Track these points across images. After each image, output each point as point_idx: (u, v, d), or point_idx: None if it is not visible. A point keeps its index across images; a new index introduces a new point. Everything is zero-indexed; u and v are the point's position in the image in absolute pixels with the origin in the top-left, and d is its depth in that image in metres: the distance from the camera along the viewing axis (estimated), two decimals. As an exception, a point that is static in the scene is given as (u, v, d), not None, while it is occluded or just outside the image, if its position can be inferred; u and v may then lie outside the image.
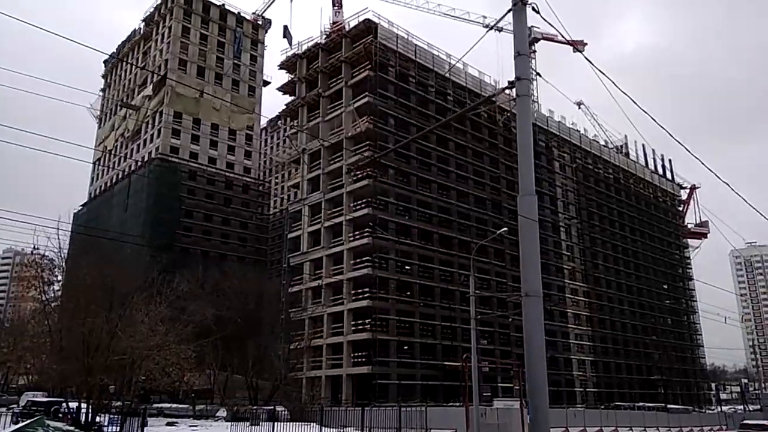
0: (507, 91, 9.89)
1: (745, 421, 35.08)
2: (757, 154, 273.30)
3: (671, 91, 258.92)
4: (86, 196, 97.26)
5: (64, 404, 36.59)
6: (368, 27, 59.18)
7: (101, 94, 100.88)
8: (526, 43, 9.19)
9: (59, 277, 47.55)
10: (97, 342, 36.23)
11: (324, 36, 65.05)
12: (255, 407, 41.45)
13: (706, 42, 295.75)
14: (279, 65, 67.06)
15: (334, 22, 71.11)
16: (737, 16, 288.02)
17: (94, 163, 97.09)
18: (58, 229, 41.94)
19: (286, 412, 42.34)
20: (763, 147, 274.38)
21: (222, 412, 44.23)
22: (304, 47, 65.23)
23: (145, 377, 44.81)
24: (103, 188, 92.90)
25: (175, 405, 48.93)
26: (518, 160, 8.94)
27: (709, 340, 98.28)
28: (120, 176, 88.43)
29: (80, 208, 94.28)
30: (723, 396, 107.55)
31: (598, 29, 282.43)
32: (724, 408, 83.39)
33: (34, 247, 45.11)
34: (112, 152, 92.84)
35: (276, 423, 37.59)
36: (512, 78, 9.09)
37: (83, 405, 34.92)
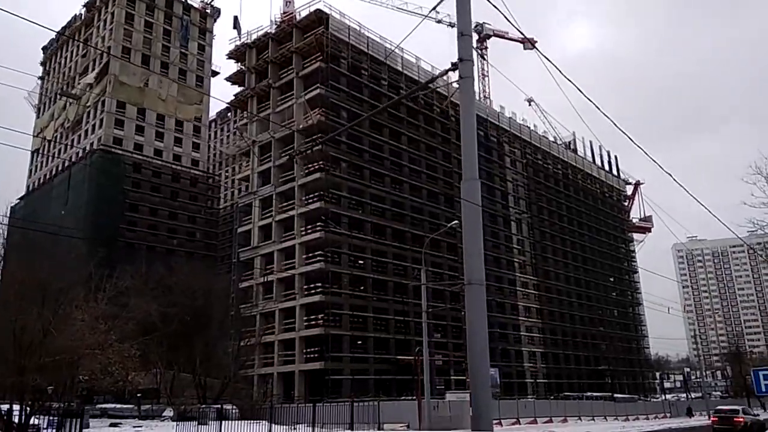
0: (451, 76, 9.43)
1: (720, 407, 36.43)
2: (698, 154, 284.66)
3: (615, 93, 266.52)
4: (24, 189, 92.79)
5: (5, 407, 34.65)
6: (319, 17, 58.19)
7: (39, 82, 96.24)
8: (469, 23, 8.79)
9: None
10: (28, 340, 34.33)
11: (274, 26, 63.61)
12: (203, 406, 40.16)
13: (647, 46, 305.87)
14: (227, 55, 65.38)
15: (284, 12, 69.70)
16: (679, 23, 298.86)
17: (32, 154, 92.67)
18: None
19: (236, 411, 41.21)
20: (703, 146, 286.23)
21: (168, 412, 42.69)
22: (254, 37, 63.74)
23: (87, 377, 43.03)
24: (42, 181, 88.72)
25: (119, 405, 47.01)
26: (461, 143, 8.54)
27: (654, 331, 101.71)
28: (60, 168, 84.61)
29: (17, 201, 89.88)
30: (667, 385, 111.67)
31: (544, 31, 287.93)
32: (668, 396, 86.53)
33: None
34: (52, 143, 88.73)
35: (225, 422, 36.50)
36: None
37: (18, 406, 33.14)
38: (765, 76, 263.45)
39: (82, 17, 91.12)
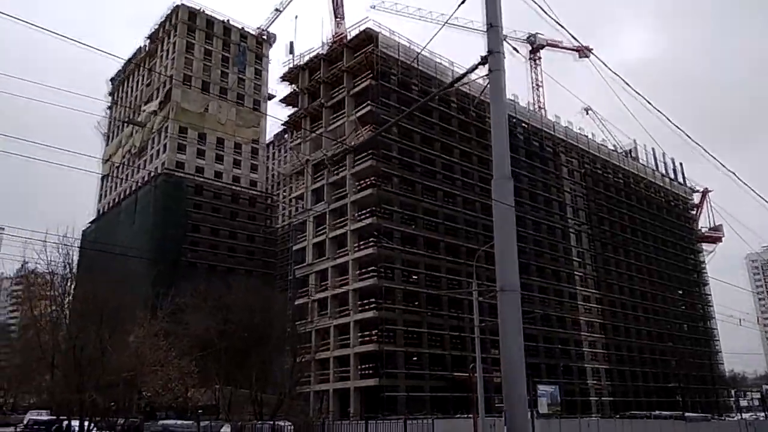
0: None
1: None
2: (762, 157, 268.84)
3: (673, 100, 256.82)
4: (94, 213, 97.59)
5: (65, 423, 36.14)
6: (369, 36, 58.88)
7: (108, 112, 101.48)
8: (498, 14, 8.52)
9: (69, 295, 47.25)
10: (87, 358, 35.77)
11: (326, 47, 64.80)
12: (259, 422, 40.64)
13: (704, 53, 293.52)
14: (281, 77, 67.04)
15: (335, 34, 71.02)
16: (727, 27, 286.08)
17: (101, 180, 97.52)
18: (62, 244, 41.18)
19: (290, 427, 41.54)
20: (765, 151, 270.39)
21: (226, 428, 43.41)
22: (306, 58, 65.04)
23: (150, 393, 44.38)
24: (110, 205, 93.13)
25: (180, 421, 48.20)
26: (492, 140, 8.26)
27: (729, 346, 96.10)
28: (127, 192, 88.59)
29: (89, 225, 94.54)
30: (743, 403, 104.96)
31: (599, 39, 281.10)
32: (745, 415, 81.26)
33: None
34: (119, 169, 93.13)
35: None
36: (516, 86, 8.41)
37: (86, 423, 34.47)
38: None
39: (146, 48, 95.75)
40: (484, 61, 8.45)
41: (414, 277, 56.76)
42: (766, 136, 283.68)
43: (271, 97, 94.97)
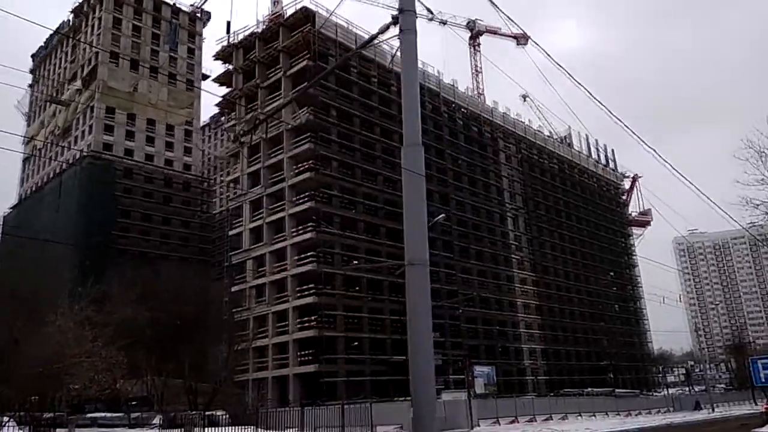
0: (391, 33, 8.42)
1: None
2: (693, 149, 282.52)
3: (607, 91, 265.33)
4: (16, 198, 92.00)
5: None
6: (306, 15, 57.33)
7: (29, 90, 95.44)
8: None
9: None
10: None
11: (261, 25, 62.72)
12: (193, 413, 39.22)
13: (637, 45, 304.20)
14: (214, 56, 64.58)
15: (272, 13, 68.83)
16: (667, 24, 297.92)
17: (23, 163, 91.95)
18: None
19: (226, 417, 40.32)
20: (698, 142, 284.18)
21: (158, 419, 41.76)
22: (240, 36, 62.81)
23: (77, 386, 42.10)
24: (33, 189, 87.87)
25: (110, 414, 46.14)
26: (403, 106, 7.63)
27: (657, 325, 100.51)
28: (51, 176, 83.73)
29: (9, 210, 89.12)
30: (671, 379, 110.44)
31: (535, 28, 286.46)
32: (672, 390, 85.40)
33: None
34: (43, 151, 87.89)
35: (213, 428, 35.66)
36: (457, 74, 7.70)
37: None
38: (745, 67, 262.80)
39: (71, 23, 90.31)
40: (395, 20, 7.77)
41: (355, 262, 56.10)
42: (698, 125, 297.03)
43: (205, 77, 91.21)
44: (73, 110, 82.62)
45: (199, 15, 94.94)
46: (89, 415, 45.05)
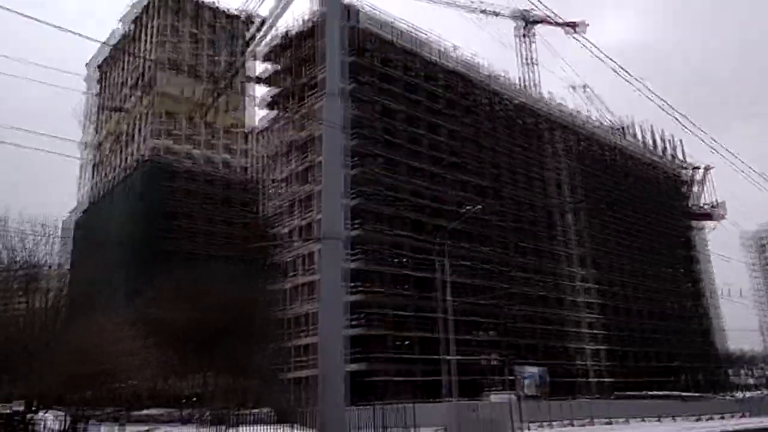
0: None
1: None
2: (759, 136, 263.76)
3: (673, 78, 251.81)
4: (83, 203, 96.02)
5: (28, 415, 34.88)
6: (349, 12, 56.65)
7: (92, 97, 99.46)
8: None
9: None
10: (60, 350, 34.76)
11: (307, 23, 62.51)
12: (238, 411, 39.35)
13: (693, 36, 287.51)
14: (262, 57, 64.95)
15: (317, 10, 68.69)
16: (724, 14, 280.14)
17: (82, 168, 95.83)
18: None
19: (272, 414, 40.23)
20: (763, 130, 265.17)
21: (207, 416, 42.19)
22: (285, 36, 62.85)
23: (133, 383, 43.20)
24: (100, 194, 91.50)
25: (163, 410, 47.21)
26: (326, 54, 6.59)
27: (739, 324, 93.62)
28: (113, 181, 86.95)
29: (80, 215, 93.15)
30: (750, 381, 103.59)
31: (593, 17, 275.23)
32: (750, 393, 79.78)
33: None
34: (106, 157, 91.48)
35: (257, 426, 35.52)
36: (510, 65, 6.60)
37: (52, 415, 33.34)
38: None
39: (131, 32, 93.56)
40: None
41: (404, 259, 55.12)
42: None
43: (259, 80, 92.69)
44: (131, 116, 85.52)
45: (252, 20, 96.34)
46: (144, 412, 46.24)
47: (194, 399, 49.41)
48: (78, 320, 50.04)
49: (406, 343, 52.30)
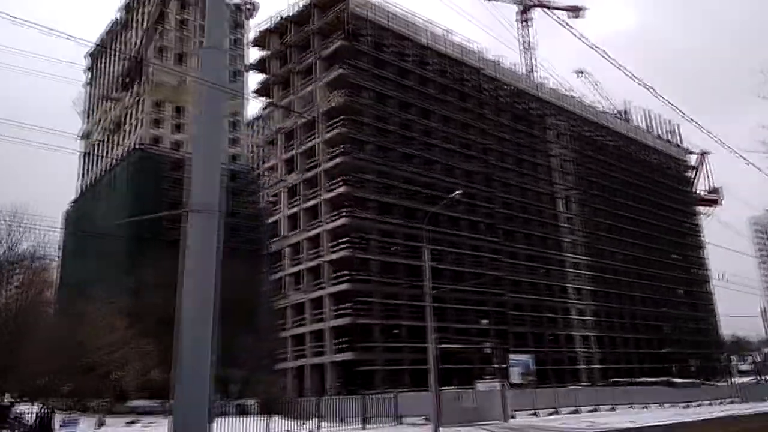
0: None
1: None
2: (760, 122, 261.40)
3: (660, 67, 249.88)
4: (76, 192, 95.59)
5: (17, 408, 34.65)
6: (339, -5, 55.86)
7: (86, 87, 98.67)
8: None
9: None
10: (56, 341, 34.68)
11: (295, 7, 61.67)
12: (223, 401, 39.03)
13: (692, 21, 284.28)
14: (252, 42, 64.18)
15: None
16: None
17: (82, 158, 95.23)
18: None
19: (257, 405, 39.96)
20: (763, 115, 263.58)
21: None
22: (276, 21, 62.02)
23: (117, 375, 42.88)
24: (90, 183, 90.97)
25: (150, 403, 46.82)
26: (206, 6, 6.02)
27: (733, 311, 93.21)
28: (105, 171, 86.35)
29: (71, 205, 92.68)
30: (744, 367, 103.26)
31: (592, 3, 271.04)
32: (745, 379, 79.54)
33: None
34: (98, 146, 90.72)
35: (239, 417, 35.22)
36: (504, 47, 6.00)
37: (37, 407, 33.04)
38: None
39: (121, 20, 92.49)
40: None
41: (395, 247, 54.56)
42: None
43: (251, 66, 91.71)
44: (123, 106, 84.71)
45: (249, 6, 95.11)
46: (129, 403, 45.88)
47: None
48: (65, 312, 49.70)
49: (395, 332, 51.87)
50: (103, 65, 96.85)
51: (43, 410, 33.30)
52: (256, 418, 33.43)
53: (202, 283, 5.36)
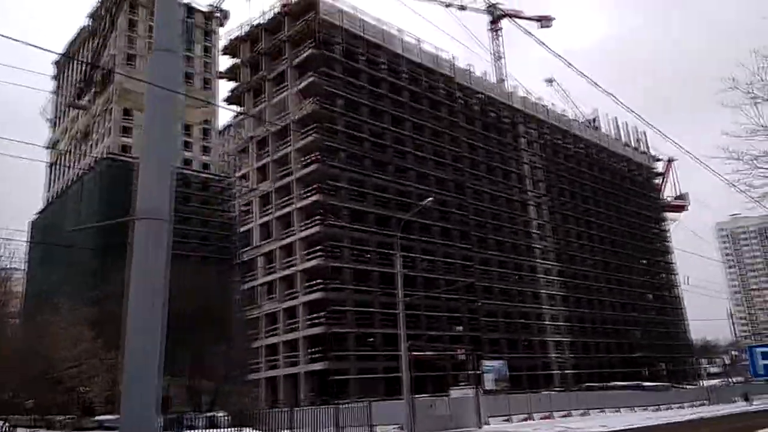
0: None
1: None
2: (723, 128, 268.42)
3: (630, 75, 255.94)
4: (43, 202, 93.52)
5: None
6: (310, 2, 55.81)
7: (52, 96, 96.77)
8: None
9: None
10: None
11: (266, 15, 61.42)
12: (193, 413, 38.25)
13: (654, 32, 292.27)
14: (222, 50, 63.74)
15: (282, 4, 67.62)
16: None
17: (48, 168, 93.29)
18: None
19: (227, 417, 39.24)
20: (726, 123, 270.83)
21: (160, 421, 40.96)
22: (247, 29, 61.69)
23: (86, 389, 41.71)
24: (58, 193, 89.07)
25: (117, 416, 45.72)
26: (155, 6, 5.89)
27: (700, 314, 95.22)
28: (73, 180, 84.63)
29: (36, 216, 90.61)
30: (713, 370, 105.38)
31: (559, 12, 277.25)
32: (713, 381, 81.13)
33: None
34: (66, 155, 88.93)
35: (211, 429, 34.59)
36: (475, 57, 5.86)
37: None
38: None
39: (89, 28, 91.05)
40: None
41: (368, 255, 54.38)
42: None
43: (222, 75, 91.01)
44: (92, 114, 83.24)
45: (216, 14, 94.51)
46: (97, 417, 44.71)
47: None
48: (31, 324, 48.28)
49: (369, 340, 51.62)
50: (69, 73, 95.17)
51: (4, 427, 32.29)
52: (226, 431, 32.86)
53: (150, 294, 5.16)
